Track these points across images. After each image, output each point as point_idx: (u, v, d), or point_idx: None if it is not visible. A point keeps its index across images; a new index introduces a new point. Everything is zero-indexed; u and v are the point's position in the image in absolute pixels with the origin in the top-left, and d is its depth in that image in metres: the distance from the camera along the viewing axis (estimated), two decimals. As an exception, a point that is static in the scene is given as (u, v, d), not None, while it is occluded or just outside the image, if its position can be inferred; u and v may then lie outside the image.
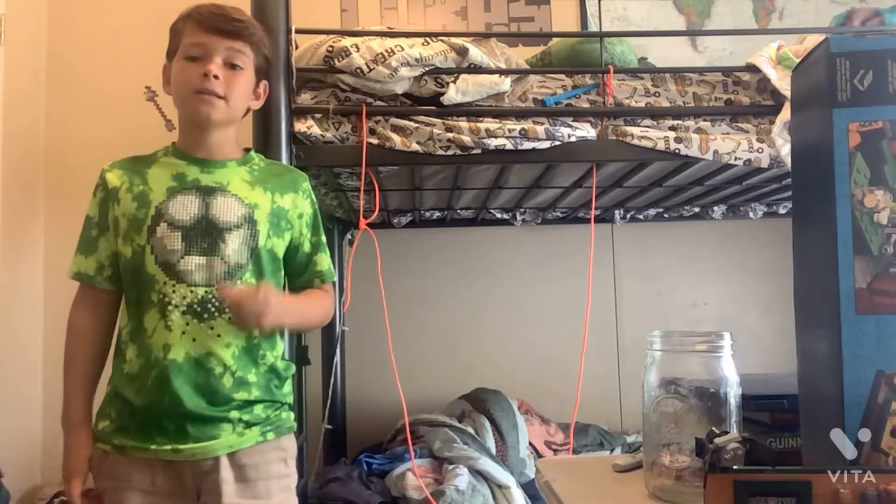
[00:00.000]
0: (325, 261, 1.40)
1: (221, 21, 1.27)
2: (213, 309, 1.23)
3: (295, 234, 1.35)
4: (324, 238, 1.41)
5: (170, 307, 1.21)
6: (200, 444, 1.21)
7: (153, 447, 1.20)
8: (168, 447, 1.20)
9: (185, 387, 1.20)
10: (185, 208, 1.25)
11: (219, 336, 1.23)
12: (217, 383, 1.22)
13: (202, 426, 1.21)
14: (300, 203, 1.36)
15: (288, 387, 1.34)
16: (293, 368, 1.37)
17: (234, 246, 1.25)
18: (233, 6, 1.32)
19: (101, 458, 1.25)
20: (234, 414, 1.23)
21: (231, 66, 1.28)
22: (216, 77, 1.25)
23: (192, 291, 1.22)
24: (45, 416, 2.44)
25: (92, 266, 1.29)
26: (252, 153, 1.39)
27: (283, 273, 1.35)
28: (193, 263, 1.23)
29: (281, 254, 1.33)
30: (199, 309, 1.22)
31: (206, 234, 1.25)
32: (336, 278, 1.45)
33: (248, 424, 1.25)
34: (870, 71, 0.67)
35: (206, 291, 1.23)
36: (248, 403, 1.25)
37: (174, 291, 1.22)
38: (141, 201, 1.26)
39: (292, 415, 1.35)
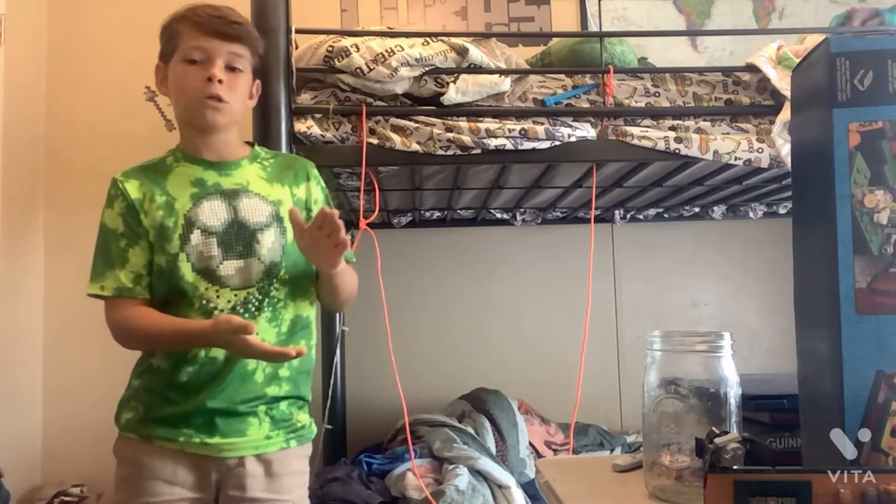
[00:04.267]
0: None
1: (222, 24, 1.27)
2: (253, 309, 1.26)
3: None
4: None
5: (216, 311, 1.24)
6: (228, 440, 1.24)
7: (182, 439, 1.23)
8: (196, 440, 1.23)
9: (221, 383, 1.23)
10: (215, 214, 1.27)
11: (256, 334, 1.23)
12: (250, 379, 1.25)
13: (230, 420, 1.24)
14: (313, 190, 1.39)
15: (310, 382, 1.37)
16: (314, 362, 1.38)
17: (267, 245, 1.28)
18: (227, 6, 1.32)
19: (125, 446, 1.27)
20: (262, 409, 1.26)
21: (231, 69, 1.28)
22: (220, 81, 1.26)
23: (235, 295, 1.25)
24: (45, 416, 2.44)
25: (129, 277, 1.25)
26: (257, 148, 1.39)
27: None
28: (233, 268, 1.25)
29: None
30: (241, 310, 1.25)
31: (239, 237, 1.27)
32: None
33: (274, 420, 1.27)
34: (870, 71, 0.67)
35: (247, 293, 1.26)
36: (276, 399, 1.28)
37: (218, 296, 1.25)
38: (167, 210, 1.26)
39: (312, 420, 1.37)
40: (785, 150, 1.71)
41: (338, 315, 2.61)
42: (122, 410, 1.29)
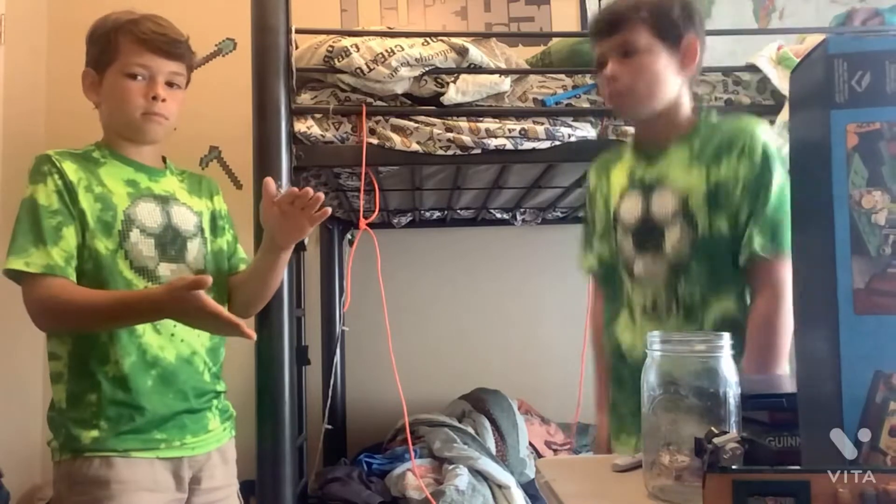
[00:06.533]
0: (241, 249, 1.50)
1: (165, 43, 1.30)
2: None
3: (226, 230, 1.46)
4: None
5: None
6: (198, 438, 1.29)
7: (162, 446, 1.24)
8: (177, 443, 1.26)
9: (183, 384, 1.27)
10: (152, 216, 1.29)
11: (198, 336, 1.29)
12: (201, 379, 1.31)
13: (194, 417, 1.29)
14: (221, 204, 1.47)
15: None
16: None
17: (194, 253, 1.34)
18: (165, 19, 1.33)
19: (93, 467, 1.20)
20: (214, 403, 1.35)
21: (170, 84, 1.32)
22: (164, 100, 1.29)
23: None
24: (45, 416, 2.44)
25: (62, 256, 1.20)
26: (168, 162, 1.42)
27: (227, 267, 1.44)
28: (168, 270, 1.29)
29: (226, 248, 1.44)
30: None
31: (173, 242, 1.31)
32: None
33: (220, 412, 1.36)
34: (868, 72, 0.67)
35: None
36: (219, 394, 1.38)
37: None
38: (105, 203, 1.25)
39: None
40: (784, 150, 1.71)
41: (338, 315, 2.62)
42: (78, 430, 1.21)
